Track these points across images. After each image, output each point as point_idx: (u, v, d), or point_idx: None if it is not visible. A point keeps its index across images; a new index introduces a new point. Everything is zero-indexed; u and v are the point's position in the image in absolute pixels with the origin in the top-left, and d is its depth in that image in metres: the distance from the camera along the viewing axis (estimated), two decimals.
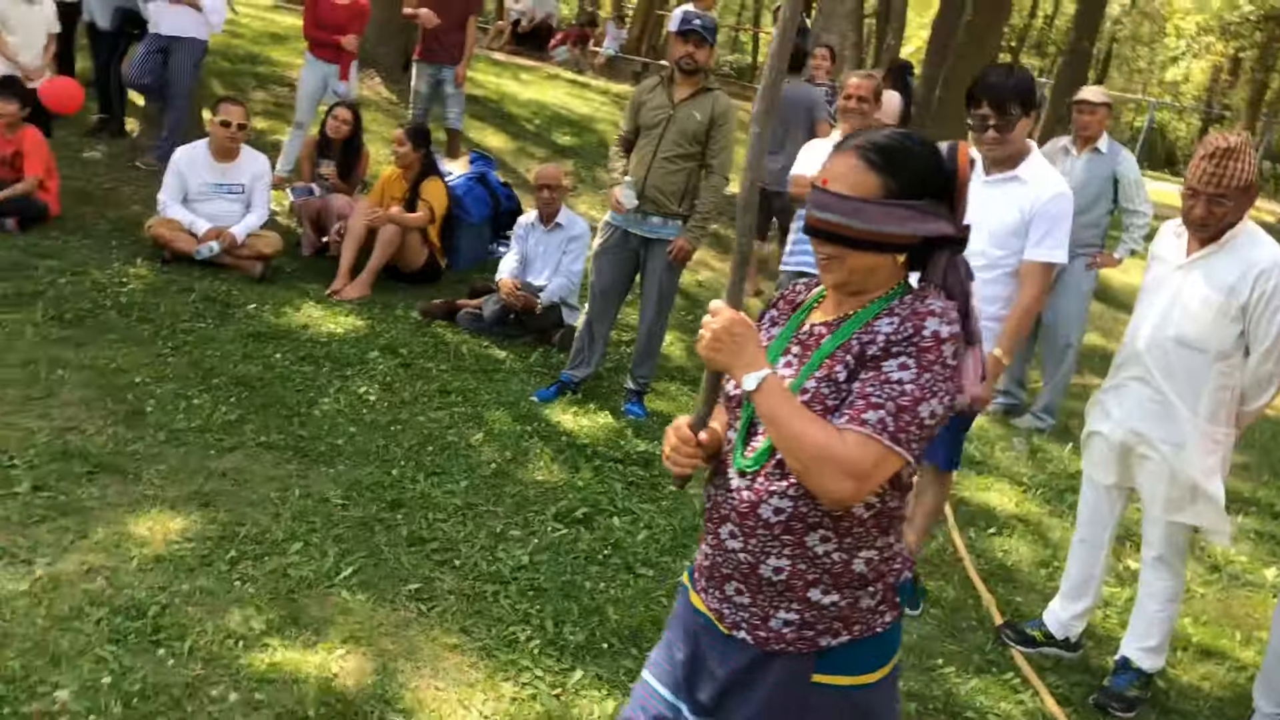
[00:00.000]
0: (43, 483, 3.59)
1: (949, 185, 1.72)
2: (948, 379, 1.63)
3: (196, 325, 5.30)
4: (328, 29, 7.51)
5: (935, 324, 1.63)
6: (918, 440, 1.62)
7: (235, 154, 6.28)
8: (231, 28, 12.40)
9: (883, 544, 1.75)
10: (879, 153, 1.70)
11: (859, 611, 1.75)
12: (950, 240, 1.74)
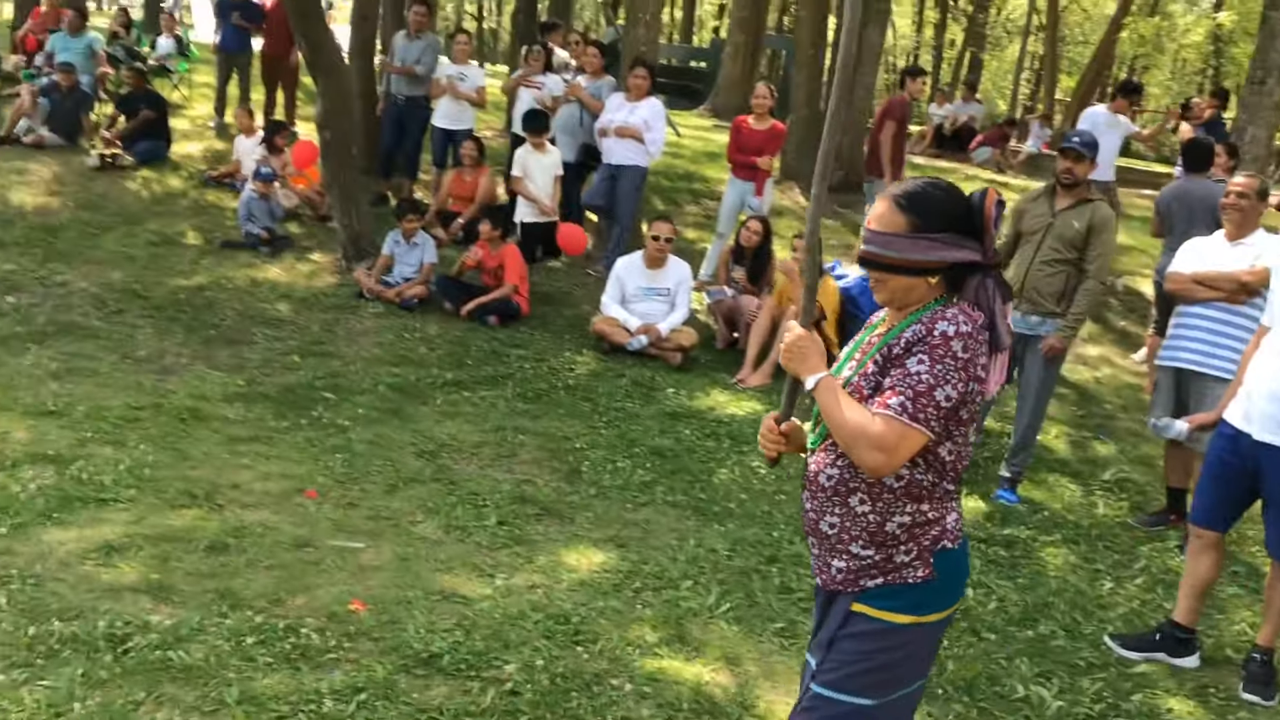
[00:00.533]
0: (504, 520, 4.65)
1: (975, 222, 2.18)
2: (958, 369, 2.09)
3: (625, 404, 6.36)
4: (747, 152, 8.56)
5: (944, 326, 2.11)
6: (936, 419, 2.09)
7: (663, 262, 7.40)
8: (675, 149, 14.05)
9: (914, 510, 2.20)
10: (906, 198, 2.20)
11: (893, 565, 2.22)
12: (980, 265, 2.19)
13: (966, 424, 2.18)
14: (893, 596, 2.22)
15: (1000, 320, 2.20)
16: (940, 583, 2.23)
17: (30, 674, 3.12)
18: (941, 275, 2.21)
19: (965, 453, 2.24)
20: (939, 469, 2.20)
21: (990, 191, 2.23)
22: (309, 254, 8.80)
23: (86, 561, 3.82)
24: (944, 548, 2.23)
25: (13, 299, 6.94)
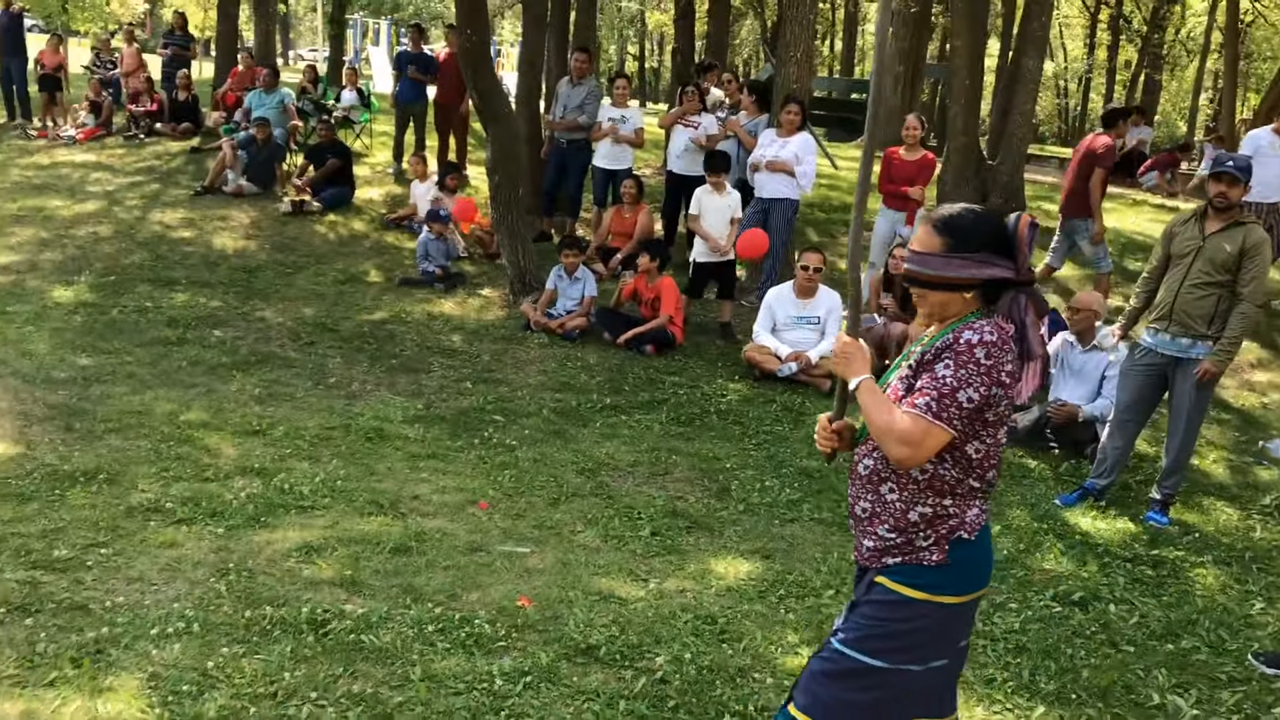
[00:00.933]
0: (658, 531, 4.97)
1: (1009, 243, 2.44)
2: (982, 374, 2.34)
3: (775, 428, 6.61)
4: (897, 182, 8.73)
5: (969, 335, 2.36)
6: (958, 418, 2.34)
7: (814, 291, 7.63)
8: (831, 181, 14.27)
9: (935, 503, 2.45)
10: (942, 221, 2.47)
11: (913, 548, 2.48)
12: (1013, 282, 2.43)
13: (994, 426, 2.41)
14: (910, 574, 2.48)
15: (1031, 331, 2.44)
16: (954, 569, 2.47)
17: (248, 649, 3.61)
18: (977, 291, 2.46)
19: (994, 453, 2.46)
20: (965, 466, 2.44)
21: (1024, 216, 2.45)
22: (480, 289, 9.41)
23: (290, 559, 4.33)
24: (960, 538, 2.47)
25: (219, 333, 7.71)
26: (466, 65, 8.92)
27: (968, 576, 2.50)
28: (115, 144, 14.30)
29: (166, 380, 6.59)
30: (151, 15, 47.53)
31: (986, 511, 2.51)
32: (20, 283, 8.36)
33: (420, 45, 14.00)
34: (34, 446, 5.30)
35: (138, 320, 7.79)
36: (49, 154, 13.39)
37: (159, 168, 13.15)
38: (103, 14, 34.74)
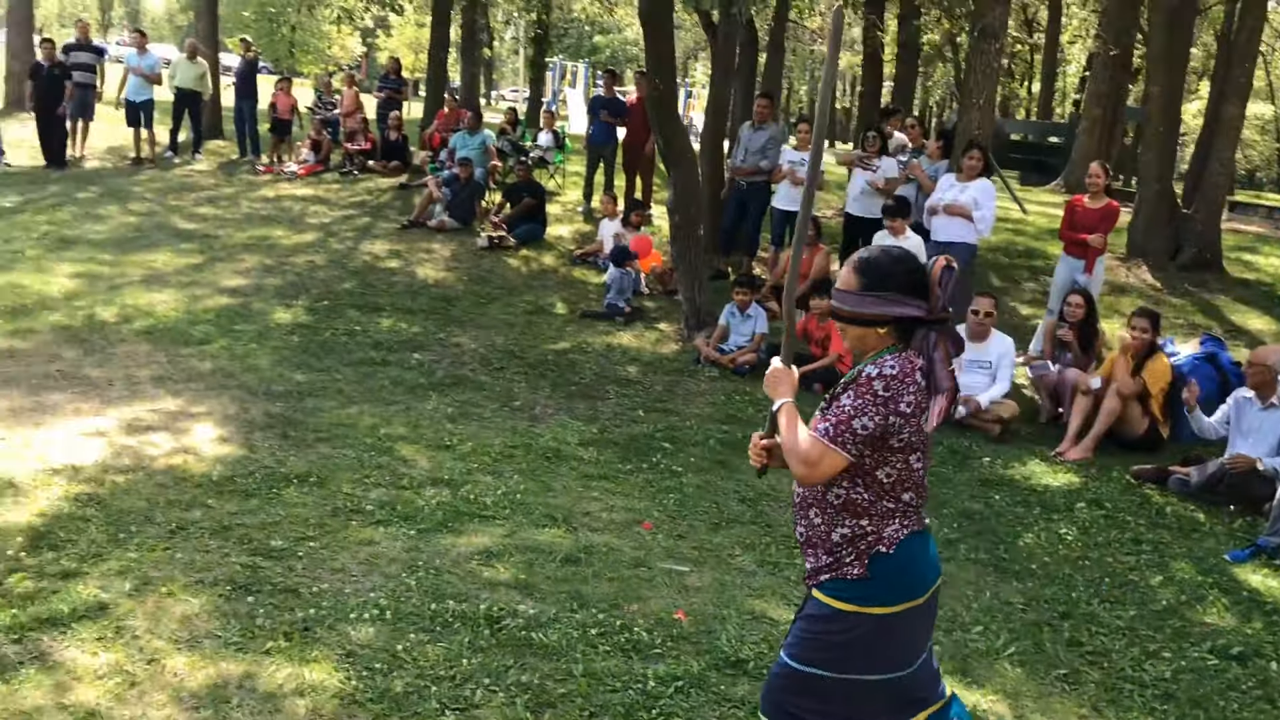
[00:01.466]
0: None
1: (923, 285, 2.62)
2: (878, 404, 2.55)
3: (939, 469, 6.69)
4: (1078, 230, 8.67)
5: (871, 369, 2.60)
6: (851, 443, 2.55)
7: (986, 336, 7.67)
8: (1017, 226, 14.11)
9: (853, 524, 2.67)
10: (861, 261, 2.70)
11: (840, 565, 2.68)
12: (925, 320, 2.61)
13: (902, 453, 2.60)
14: (837, 587, 2.69)
15: (939, 367, 2.60)
16: (875, 581, 2.65)
17: (431, 637, 4.03)
18: (890, 328, 2.65)
19: (907, 477, 2.65)
20: (877, 489, 2.65)
21: (940, 259, 2.66)
22: (656, 323, 9.82)
23: (472, 561, 4.76)
24: (878, 552, 2.65)
25: (419, 356, 8.35)
26: (653, 111, 9.39)
27: (892, 588, 2.66)
28: (332, 179, 15.54)
29: (370, 397, 7.23)
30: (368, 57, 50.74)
31: (908, 527, 2.68)
32: (247, 305, 9.27)
33: (613, 90, 14.66)
34: (256, 450, 5.96)
35: (347, 342, 8.52)
36: (274, 188, 14.67)
37: (370, 202, 14.22)
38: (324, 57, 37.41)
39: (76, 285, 9.20)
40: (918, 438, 2.62)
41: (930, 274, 2.66)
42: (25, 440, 5.67)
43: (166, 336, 8.06)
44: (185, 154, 16.50)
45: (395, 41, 43.85)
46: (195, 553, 4.56)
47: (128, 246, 10.83)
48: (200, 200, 13.64)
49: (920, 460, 2.66)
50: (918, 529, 2.72)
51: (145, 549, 4.54)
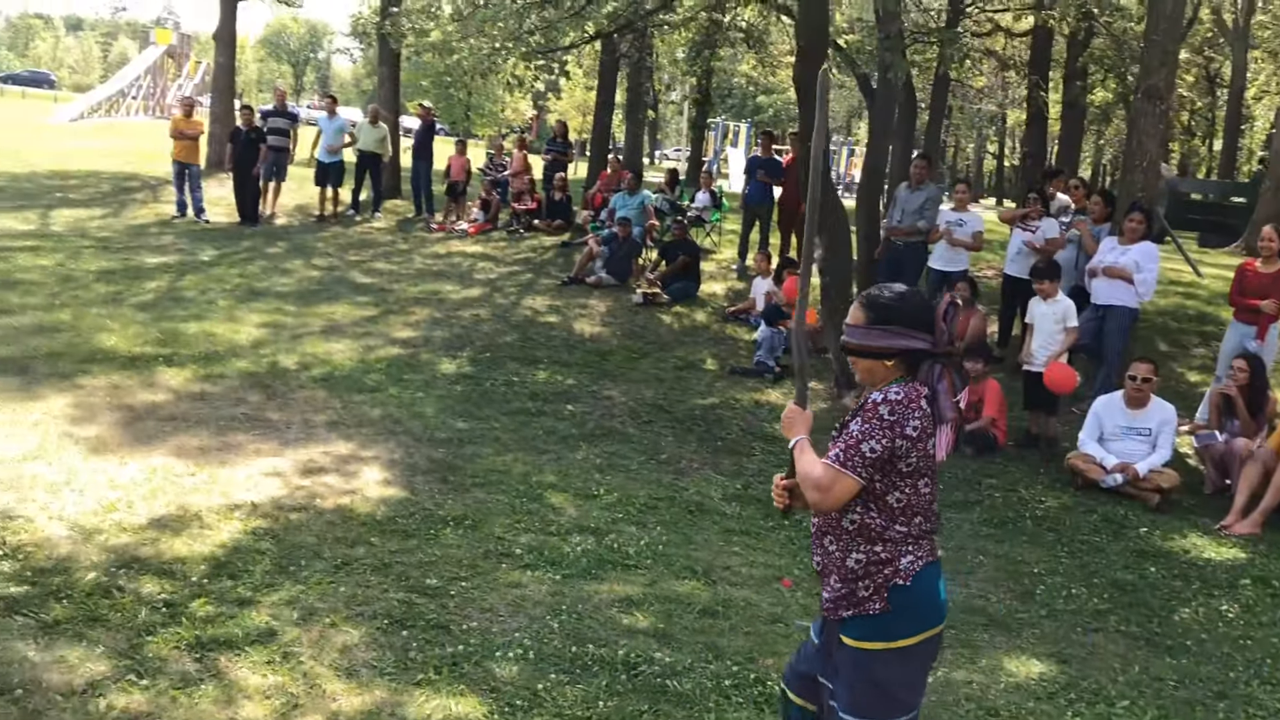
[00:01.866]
0: (953, 624, 5.04)
1: (929, 320, 2.77)
2: (884, 428, 2.68)
3: (1092, 538, 6.53)
4: (1249, 295, 8.33)
5: (877, 396, 2.75)
6: (862, 467, 2.69)
7: (1145, 402, 7.44)
8: (1189, 289, 13.58)
9: (868, 550, 2.78)
10: (868, 298, 2.85)
11: (856, 597, 2.79)
12: (930, 353, 2.76)
13: (910, 477, 2.73)
14: (861, 627, 2.80)
15: (943, 397, 2.76)
16: (896, 614, 2.76)
17: (571, 678, 4.21)
18: (897, 360, 2.79)
19: (916, 502, 2.76)
20: (889, 514, 2.77)
21: (947, 295, 2.87)
22: None
23: (613, 607, 4.93)
24: (896, 584, 2.76)
25: (572, 407, 8.65)
26: (803, 172, 9.52)
27: (912, 618, 2.78)
28: (499, 237, 16.21)
29: (525, 445, 7.53)
30: (538, 119, 52.65)
31: (923, 559, 2.78)
32: (416, 355, 9.79)
33: (770, 150, 14.88)
34: (417, 493, 6.30)
35: (505, 392, 8.90)
36: (445, 245, 15.41)
37: (533, 259, 14.78)
38: (497, 120, 39.05)
39: (262, 334, 9.90)
40: (925, 463, 2.75)
41: (936, 310, 2.83)
42: (211, 477, 6.16)
43: (341, 384, 8.59)
44: (365, 212, 17.50)
45: (564, 104, 45.42)
46: (357, 587, 4.88)
47: (310, 299, 11.58)
48: (377, 256, 14.45)
49: (928, 486, 2.79)
50: (931, 559, 2.83)
51: (312, 582, 4.89)
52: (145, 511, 5.45)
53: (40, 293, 10.44)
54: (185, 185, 16.05)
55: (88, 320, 9.52)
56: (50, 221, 14.79)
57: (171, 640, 4.15)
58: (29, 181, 18.29)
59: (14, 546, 4.80)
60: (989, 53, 15.79)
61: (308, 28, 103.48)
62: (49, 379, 7.65)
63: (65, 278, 11.29)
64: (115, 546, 4.97)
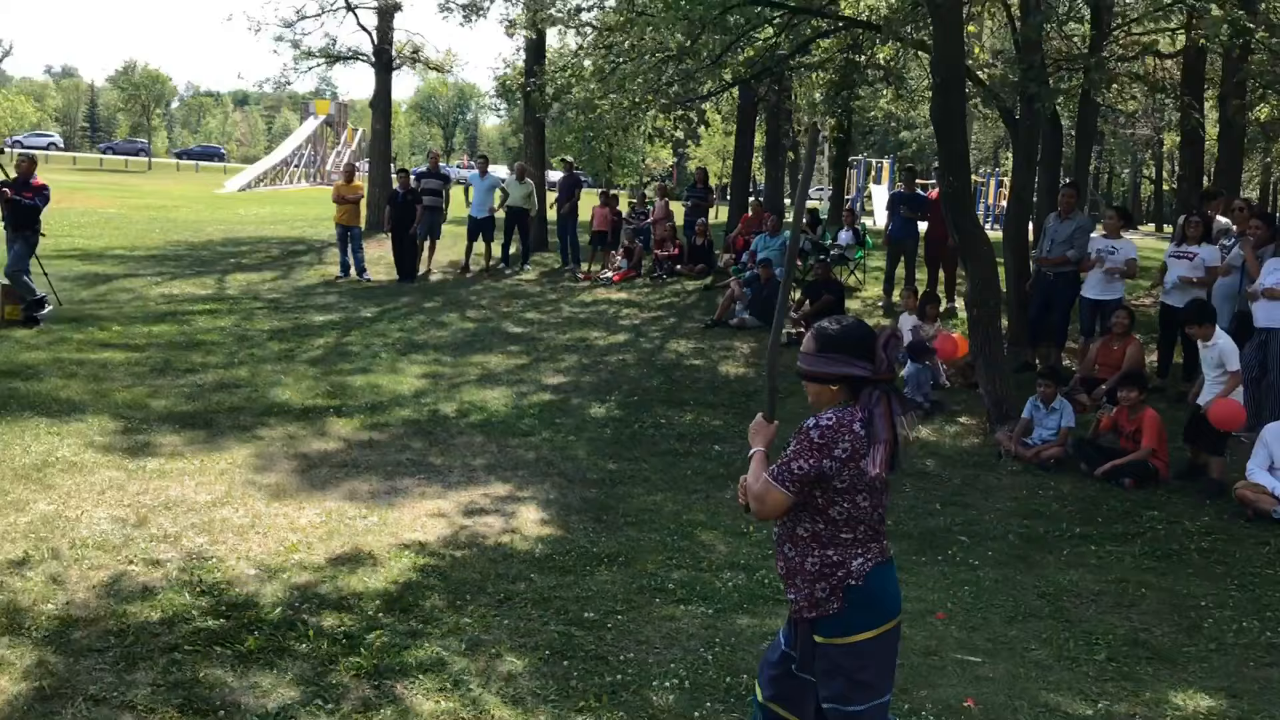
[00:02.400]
0: (1114, 657, 5.05)
1: (869, 348, 3.03)
2: (813, 449, 2.97)
3: (1265, 570, 6.28)
4: None
5: (811, 421, 3.02)
6: (790, 481, 2.99)
7: None
8: None
9: (820, 554, 3.07)
10: (817, 329, 3.13)
11: (815, 599, 3.08)
12: (870, 380, 3.02)
13: (847, 494, 3.01)
14: (829, 628, 3.08)
15: (879, 420, 2.98)
16: (852, 610, 3.05)
17: (726, 707, 4.33)
18: (842, 386, 3.07)
19: (858, 515, 3.04)
20: (833, 525, 3.06)
21: (890, 329, 3.15)
22: (957, 417, 9.77)
23: (765, 640, 5.01)
24: (849, 585, 3.06)
25: (719, 448, 8.79)
26: (948, 207, 9.50)
27: (869, 613, 3.07)
28: (642, 284, 16.57)
29: (674, 485, 7.70)
30: (678, 166, 53.34)
31: (872, 560, 3.08)
32: (566, 400, 10.11)
33: (913, 186, 14.83)
34: (572, 531, 6.54)
35: (653, 434, 9.10)
36: (591, 293, 15.84)
37: (677, 304, 15.05)
38: (639, 169, 39.78)
39: (423, 384, 10.40)
40: (861, 480, 3.01)
41: (876, 340, 3.09)
42: (382, 519, 6.53)
43: (497, 429, 8.95)
44: (515, 265, 18.13)
45: (704, 150, 45.94)
46: (519, 620, 5.11)
47: (465, 349, 12.09)
48: (527, 306, 14.97)
49: (867, 499, 3.05)
50: (881, 560, 3.12)
51: (477, 615, 5.14)
52: (323, 551, 5.83)
53: (220, 352, 11.21)
54: (348, 247, 16.96)
55: (263, 376, 10.19)
56: (226, 286, 15.84)
57: (351, 669, 4.45)
58: (205, 250, 19.65)
59: (210, 584, 5.22)
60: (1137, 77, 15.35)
61: (456, 91, 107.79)
62: (231, 431, 8.23)
63: (241, 337, 12.09)
64: (297, 584, 5.34)
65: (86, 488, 6.45)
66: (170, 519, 6.09)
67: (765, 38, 14.61)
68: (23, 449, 7.06)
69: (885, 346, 3.06)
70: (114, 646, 4.47)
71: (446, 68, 23.35)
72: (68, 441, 7.38)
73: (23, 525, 5.70)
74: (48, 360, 9.94)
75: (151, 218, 27.38)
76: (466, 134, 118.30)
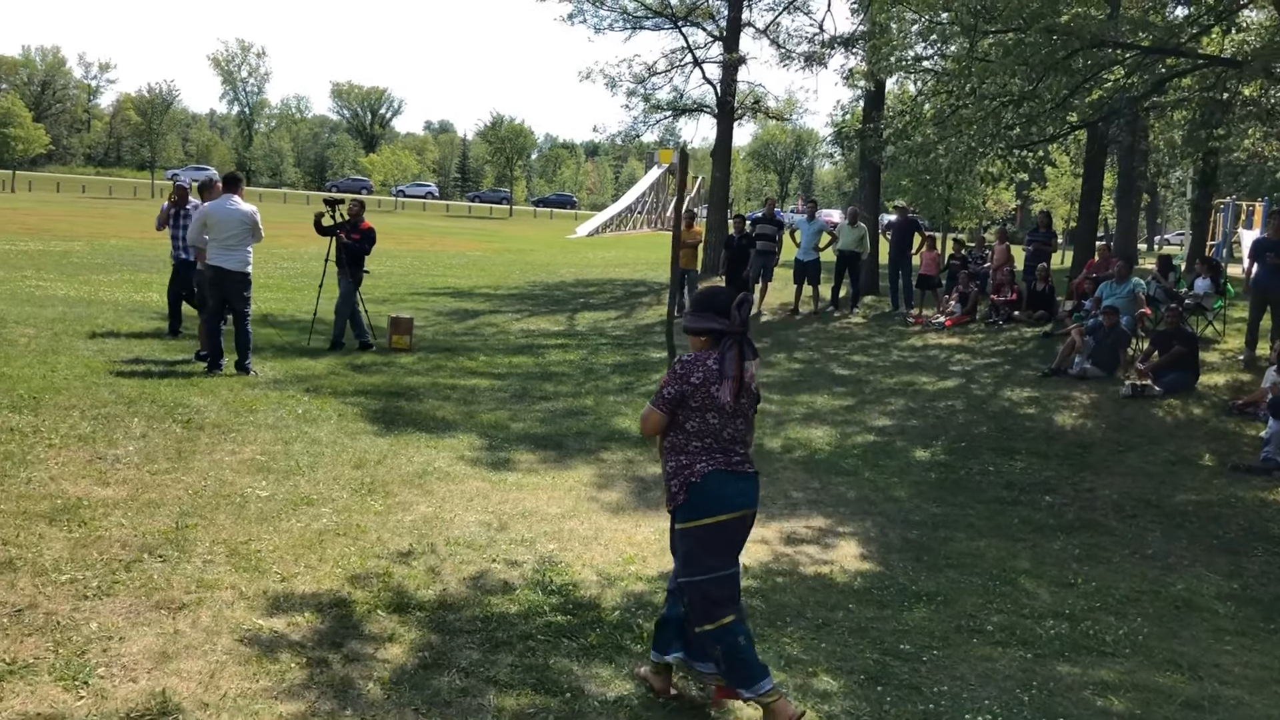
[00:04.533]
0: None
1: (725, 308, 4.13)
2: (676, 378, 4.13)
3: None
4: None
5: (678, 357, 4.24)
6: (662, 403, 4.15)
7: None
8: None
9: (675, 460, 4.19)
10: (695, 296, 4.32)
11: (671, 493, 4.22)
12: (726, 332, 4.12)
13: (699, 411, 4.11)
14: (676, 516, 4.26)
15: (727, 360, 4.09)
16: (691, 502, 4.16)
17: None
18: (708, 337, 4.19)
19: (706, 429, 4.13)
20: (685, 435, 4.18)
21: (744, 294, 4.21)
22: None
23: (1085, 689, 4.96)
24: (691, 483, 4.14)
25: (1049, 498, 8.57)
26: None
27: (703, 505, 4.15)
28: (977, 329, 16.26)
29: (998, 532, 7.63)
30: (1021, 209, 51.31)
31: (713, 465, 4.14)
32: (891, 443, 10.20)
33: None
34: (891, 568, 6.68)
35: (980, 481, 9.02)
36: (921, 338, 15.75)
37: (1012, 351, 14.66)
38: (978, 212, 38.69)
39: None
40: (710, 402, 4.09)
41: (730, 302, 4.14)
42: None
43: (820, 466, 9.21)
44: (844, 308, 18.33)
45: (1049, 192, 43.99)
46: (835, 645, 5.35)
47: (792, 388, 12.45)
48: (855, 349, 15.13)
49: (716, 418, 4.12)
50: (723, 468, 4.16)
51: (795, 636, 5.43)
52: (656, 566, 6.33)
53: (569, 382, 12.23)
54: (684, 288, 17.86)
55: (606, 406, 11.03)
56: (575, 323, 17.16)
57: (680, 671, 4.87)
58: (559, 290, 21.33)
59: (559, 585, 5.85)
60: None
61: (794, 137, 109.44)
62: (578, 453, 9.02)
63: (588, 370, 13.11)
64: (633, 591, 5.86)
65: (458, 495, 7.35)
66: (526, 526, 6.83)
67: (1115, 79, 14.03)
68: (407, 459, 8.14)
69: (739, 307, 4.12)
70: (480, 630, 5.15)
71: (786, 115, 23.99)
72: (443, 454, 8.41)
73: (408, 523, 6.63)
74: (426, 384, 11.29)
75: (512, 260, 30.00)
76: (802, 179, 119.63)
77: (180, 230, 12.25)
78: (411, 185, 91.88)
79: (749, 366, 4.16)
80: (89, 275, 18.78)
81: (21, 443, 7.24)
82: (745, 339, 4.18)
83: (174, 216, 12.43)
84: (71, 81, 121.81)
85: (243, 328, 10.58)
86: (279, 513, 6.46)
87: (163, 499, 6.44)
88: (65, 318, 12.91)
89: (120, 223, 37.35)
